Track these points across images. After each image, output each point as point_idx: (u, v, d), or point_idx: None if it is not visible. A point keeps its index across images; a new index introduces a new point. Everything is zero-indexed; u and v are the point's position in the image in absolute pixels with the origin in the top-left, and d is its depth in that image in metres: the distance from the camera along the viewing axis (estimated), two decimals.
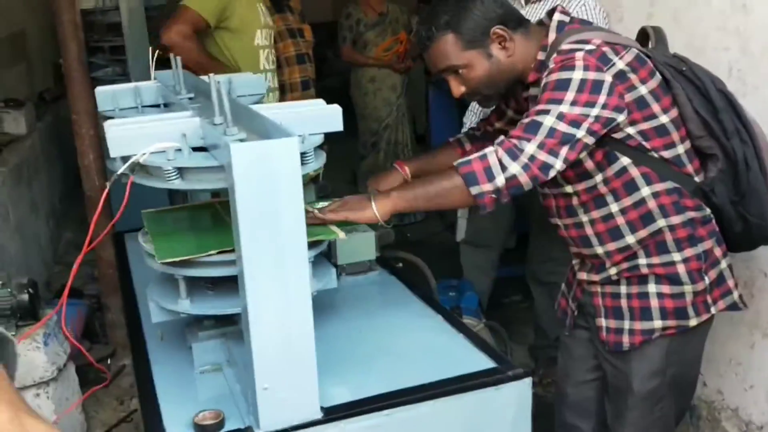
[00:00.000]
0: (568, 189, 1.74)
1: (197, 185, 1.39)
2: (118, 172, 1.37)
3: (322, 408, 1.38)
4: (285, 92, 3.73)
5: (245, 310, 1.28)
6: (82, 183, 3.19)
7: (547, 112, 1.57)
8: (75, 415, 2.69)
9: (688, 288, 1.72)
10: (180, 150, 1.40)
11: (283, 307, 1.28)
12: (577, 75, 1.57)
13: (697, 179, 1.72)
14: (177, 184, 1.37)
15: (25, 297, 2.39)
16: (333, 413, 1.38)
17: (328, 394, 1.42)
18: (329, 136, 1.49)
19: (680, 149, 1.69)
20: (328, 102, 1.63)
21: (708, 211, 1.76)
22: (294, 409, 1.34)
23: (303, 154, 1.45)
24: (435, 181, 1.63)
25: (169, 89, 2.01)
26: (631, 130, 1.63)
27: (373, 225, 2.15)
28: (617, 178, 1.68)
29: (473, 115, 3.27)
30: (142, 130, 1.42)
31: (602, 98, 1.57)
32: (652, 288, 1.73)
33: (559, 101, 1.56)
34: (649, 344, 1.75)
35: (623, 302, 1.76)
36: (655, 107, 1.64)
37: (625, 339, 1.76)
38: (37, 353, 2.44)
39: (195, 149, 1.43)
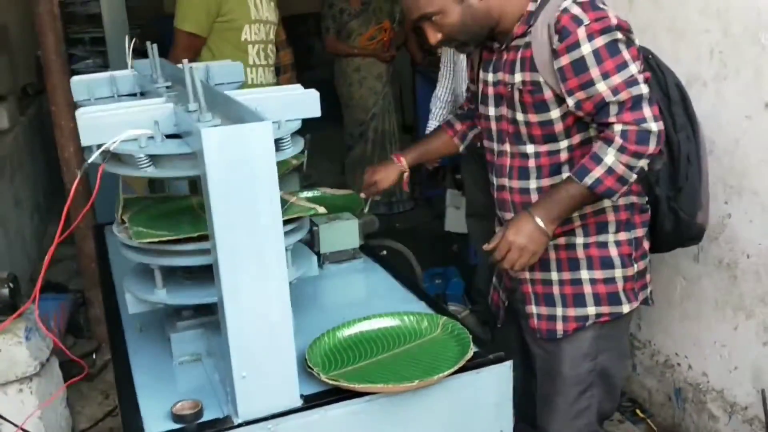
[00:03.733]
0: (529, 149, 1.72)
1: (171, 172, 1.37)
2: (89, 161, 1.35)
3: (301, 396, 1.36)
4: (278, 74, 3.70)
5: (221, 299, 1.26)
6: (63, 175, 3.16)
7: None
8: (60, 410, 2.67)
9: (618, 273, 1.75)
10: (153, 137, 1.37)
11: (260, 294, 1.26)
12: (586, 48, 1.55)
13: None
14: (150, 171, 1.35)
15: (5, 291, 2.36)
16: (313, 400, 1.37)
17: (309, 382, 1.40)
18: (316, 129, 1.47)
19: None
20: None
21: (646, 200, 1.80)
22: (273, 398, 1.32)
23: (279, 140, 1.44)
24: (567, 198, 1.62)
25: (146, 78, 1.99)
26: None
27: (356, 213, 2.15)
28: (580, 148, 1.69)
29: (438, 101, 3.27)
30: (114, 117, 1.39)
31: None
32: (584, 274, 1.75)
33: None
34: (581, 330, 1.76)
35: (555, 289, 1.77)
36: None
37: (559, 326, 1.77)
38: (18, 348, 2.41)
39: (169, 137, 1.41)
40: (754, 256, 2.21)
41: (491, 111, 1.78)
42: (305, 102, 1.53)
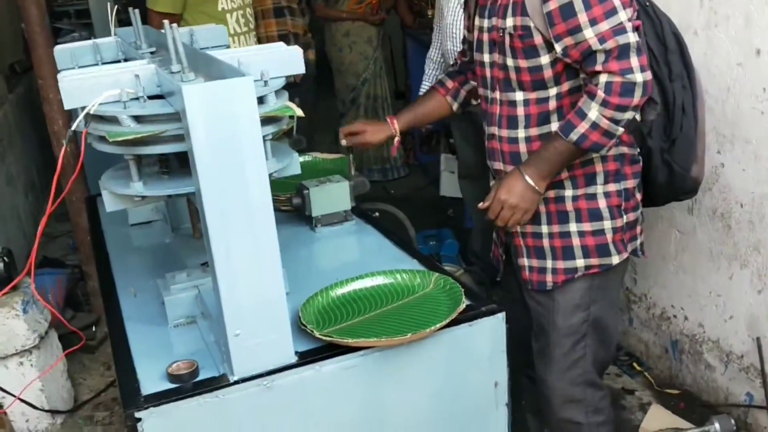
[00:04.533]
0: (518, 96, 1.71)
1: (155, 128, 1.35)
2: (72, 127, 1.33)
3: (297, 352, 1.37)
4: None
5: (211, 259, 1.26)
6: (54, 150, 3.14)
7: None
8: (61, 381, 2.69)
9: (607, 224, 1.75)
10: (137, 98, 1.36)
11: (249, 253, 1.26)
12: None
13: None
14: (134, 128, 1.34)
15: (0, 265, 2.36)
16: (307, 357, 1.37)
17: (304, 340, 1.41)
18: (308, 98, 1.43)
19: None
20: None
21: (638, 151, 1.79)
22: (268, 355, 1.33)
23: (263, 98, 1.43)
24: (554, 154, 1.63)
25: (130, 45, 1.96)
26: None
27: (347, 174, 2.14)
28: (569, 96, 1.68)
29: (431, 62, 3.25)
30: (96, 79, 1.38)
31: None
32: (573, 227, 1.75)
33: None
34: (572, 282, 1.77)
35: (545, 242, 1.78)
36: None
37: (549, 278, 1.78)
38: (16, 321, 2.42)
39: (153, 99, 1.40)
40: (748, 205, 2.21)
41: (485, 57, 1.77)
42: (289, 59, 1.52)
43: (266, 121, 1.40)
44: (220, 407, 1.30)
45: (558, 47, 1.59)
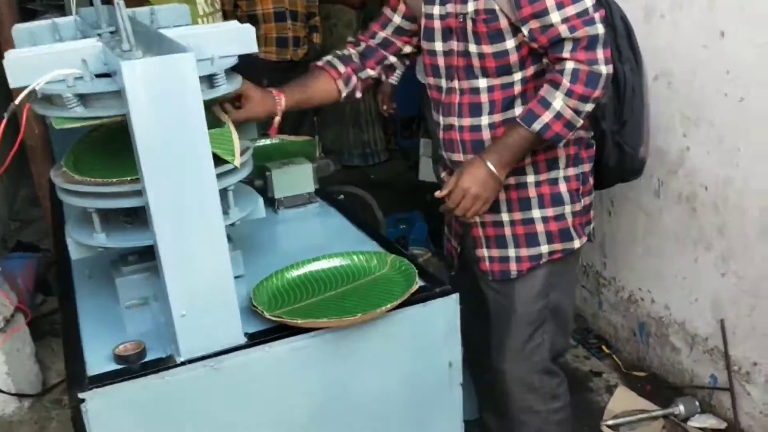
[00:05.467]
0: (482, 83, 1.69)
1: (101, 112, 1.33)
2: (15, 102, 1.31)
3: (246, 334, 1.36)
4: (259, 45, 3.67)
5: (155, 241, 1.24)
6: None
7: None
8: (29, 365, 2.68)
9: (568, 209, 1.75)
10: (81, 77, 1.34)
11: (194, 234, 1.25)
12: None
13: None
14: (79, 112, 1.32)
15: None
16: (258, 338, 1.37)
17: (255, 322, 1.40)
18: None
19: None
20: None
21: (591, 135, 1.80)
22: (216, 336, 1.32)
23: (213, 76, 1.41)
24: (516, 143, 1.61)
25: (90, 25, 1.94)
26: None
27: (309, 156, 2.13)
28: (534, 80, 1.66)
29: None
30: (41, 57, 1.35)
31: None
32: (536, 213, 1.75)
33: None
34: (534, 269, 1.77)
35: (507, 230, 1.77)
36: None
37: (513, 266, 1.77)
38: None
39: (102, 77, 1.38)
40: (712, 188, 2.22)
41: (438, 46, 1.74)
42: (241, 37, 1.50)
43: (227, 173, 1.41)
44: (165, 389, 1.29)
45: (524, 29, 1.58)
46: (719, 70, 2.10)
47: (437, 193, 1.71)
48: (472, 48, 1.66)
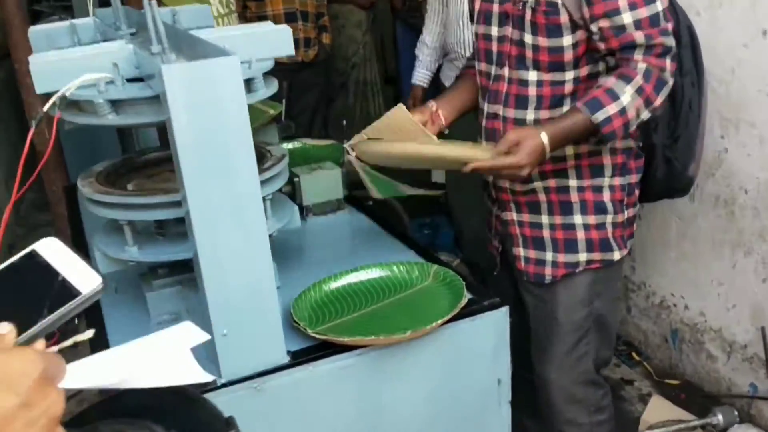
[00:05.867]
0: (532, 76, 1.60)
1: (134, 119, 1.26)
2: (44, 109, 1.23)
3: (289, 352, 1.29)
4: None
5: (196, 254, 1.17)
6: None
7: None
8: None
9: (610, 218, 1.67)
10: (112, 82, 1.27)
11: (237, 246, 1.17)
12: None
13: None
14: (111, 119, 1.25)
15: None
16: (301, 356, 1.29)
17: (296, 338, 1.33)
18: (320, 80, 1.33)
19: None
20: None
21: (641, 145, 1.72)
22: (258, 355, 1.25)
23: (250, 81, 1.34)
24: (573, 128, 1.49)
25: (109, 26, 1.86)
26: None
27: (336, 161, 2.05)
28: (586, 82, 1.58)
29: (425, 47, 3.14)
30: (70, 62, 1.28)
31: None
32: (577, 219, 1.67)
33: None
34: (573, 276, 1.70)
35: (546, 233, 1.69)
36: None
37: (548, 271, 1.70)
38: None
39: (132, 81, 1.31)
40: (753, 191, 2.14)
41: (493, 30, 1.64)
42: (277, 40, 1.42)
43: (265, 182, 1.35)
44: None
45: (593, 27, 1.49)
46: (761, 70, 2.02)
47: (478, 164, 1.49)
48: (527, 38, 1.57)
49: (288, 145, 2.35)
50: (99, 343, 1.40)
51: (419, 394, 1.41)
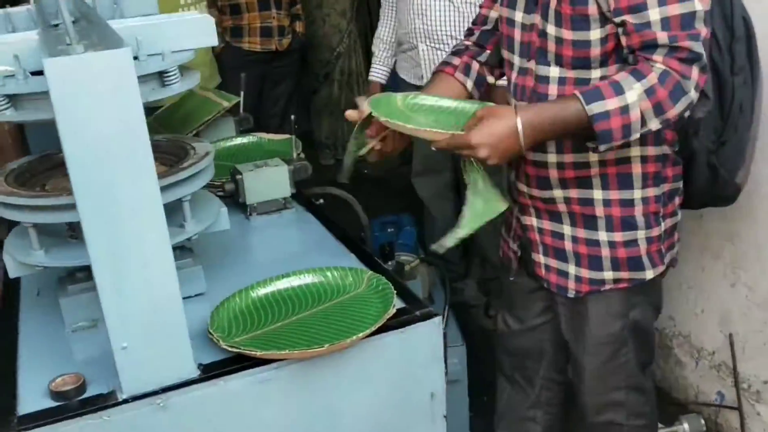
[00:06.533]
0: (553, 72, 1.44)
1: (34, 115, 1.18)
2: None
3: (200, 365, 1.21)
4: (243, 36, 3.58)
5: (91, 260, 1.09)
6: None
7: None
8: None
9: (641, 234, 1.51)
10: (12, 75, 1.18)
11: (135, 255, 1.09)
12: None
13: None
14: (8, 115, 1.16)
15: None
16: (212, 370, 1.21)
17: (212, 350, 1.25)
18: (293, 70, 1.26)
19: None
20: None
21: (677, 149, 1.56)
22: (163, 369, 1.17)
23: (165, 73, 1.26)
24: (561, 115, 1.32)
25: (50, 15, 1.77)
26: None
27: (286, 158, 1.96)
28: None
29: (381, 42, 3.05)
30: None
31: None
32: (603, 236, 1.52)
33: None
34: (600, 291, 1.56)
35: (567, 244, 1.56)
36: None
37: (571, 285, 1.57)
38: None
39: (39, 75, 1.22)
40: None
41: (518, 16, 1.49)
42: (200, 30, 1.33)
43: (183, 182, 1.28)
44: (106, 430, 1.14)
45: (617, 20, 1.34)
46: None
47: (436, 140, 1.36)
48: (550, 29, 1.42)
49: (243, 140, 2.27)
50: (7, 354, 1.33)
51: (346, 410, 1.32)
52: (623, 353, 1.63)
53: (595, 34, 1.38)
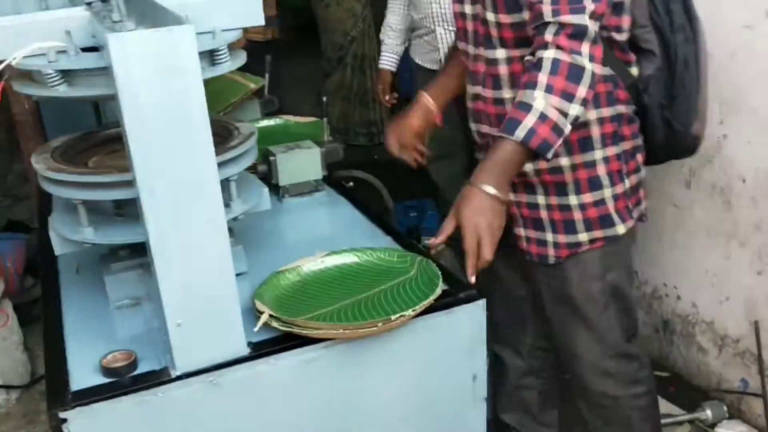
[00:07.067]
0: (500, 54, 1.50)
1: (87, 91, 1.17)
2: None
3: (250, 343, 1.21)
4: None
5: (147, 240, 1.09)
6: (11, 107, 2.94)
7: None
8: (17, 355, 2.53)
9: (608, 192, 1.58)
10: (64, 51, 1.18)
11: (192, 232, 1.09)
12: None
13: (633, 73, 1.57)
14: (61, 90, 1.16)
15: None
16: (262, 348, 1.22)
17: (262, 328, 1.25)
18: (291, 58, 1.26)
19: (625, 36, 1.52)
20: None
21: (634, 108, 1.61)
22: (215, 347, 1.17)
23: (215, 52, 1.25)
24: (503, 158, 1.38)
25: None
26: None
27: (318, 141, 1.96)
28: None
29: (390, 30, 3.04)
30: (21, 27, 1.19)
31: None
32: (573, 200, 1.58)
33: None
34: (578, 254, 1.62)
35: (543, 213, 1.61)
36: None
37: (550, 251, 1.62)
38: None
39: (90, 50, 1.22)
40: (751, 180, 2.05)
41: (467, 8, 1.57)
42: (246, 8, 1.33)
43: (229, 162, 1.28)
44: (159, 406, 1.15)
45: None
46: (764, 53, 1.93)
47: (432, 242, 1.42)
48: (490, 16, 1.49)
49: (270, 122, 2.27)
50: (54, 332, 1.33)
51: (390, 390, 1.34)
52: (606, 317, 1.68)
53: (528, 14, 1.43)
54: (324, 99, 2.07)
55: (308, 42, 5.33)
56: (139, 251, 1.41)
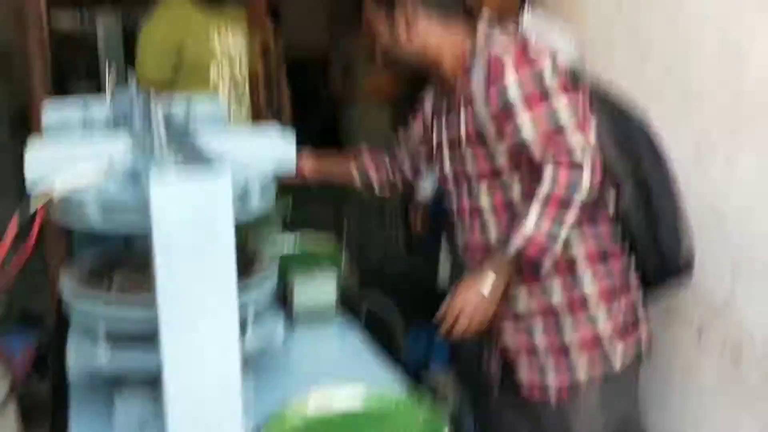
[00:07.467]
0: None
1: (120, 226, 1.23)
2: (30, 209, 1.21)
3: None
4: None
5: (162, 373, 1.11)
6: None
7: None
8: None
9: (602, 328, 1.65)
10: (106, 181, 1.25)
11: (205, 372, 1.12)
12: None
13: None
14: (95, 222, 1.22)
15: None
16: None
17: None
18: None
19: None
20: None
21: (619, 243, 1.70)
22: None
23: (244, 194, 1.31)
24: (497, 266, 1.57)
25: (123, 114, 1.86)
26: None
27: (335, 263, 2.01)
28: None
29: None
30: (63, 155, 1.27)
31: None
32: (568, 338, 1.65)
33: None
34: (579, 393, 1.66)
35: (543, 357, 1.68)
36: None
37: (552, 394, 1.68)
38: None
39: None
40: (760, 339, 2.04)
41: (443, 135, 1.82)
42: (280, 155, 1.40)
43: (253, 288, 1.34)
44: None
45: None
46: None
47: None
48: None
49: (288, 246, 2.29)
50: None
51: None
52: None
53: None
54: (346, 220, 2.18)
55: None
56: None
